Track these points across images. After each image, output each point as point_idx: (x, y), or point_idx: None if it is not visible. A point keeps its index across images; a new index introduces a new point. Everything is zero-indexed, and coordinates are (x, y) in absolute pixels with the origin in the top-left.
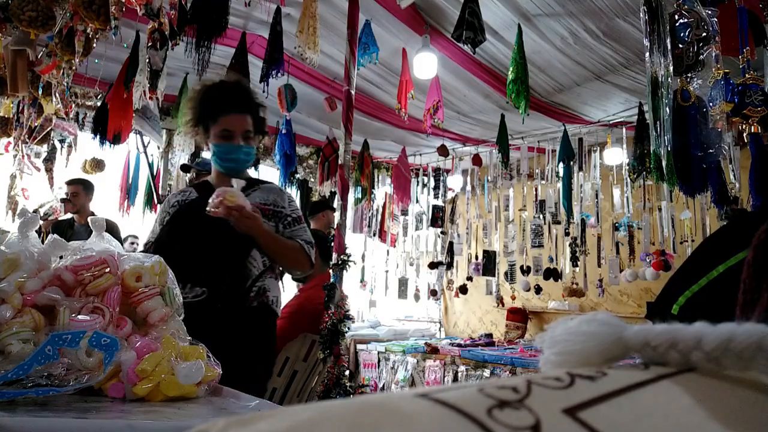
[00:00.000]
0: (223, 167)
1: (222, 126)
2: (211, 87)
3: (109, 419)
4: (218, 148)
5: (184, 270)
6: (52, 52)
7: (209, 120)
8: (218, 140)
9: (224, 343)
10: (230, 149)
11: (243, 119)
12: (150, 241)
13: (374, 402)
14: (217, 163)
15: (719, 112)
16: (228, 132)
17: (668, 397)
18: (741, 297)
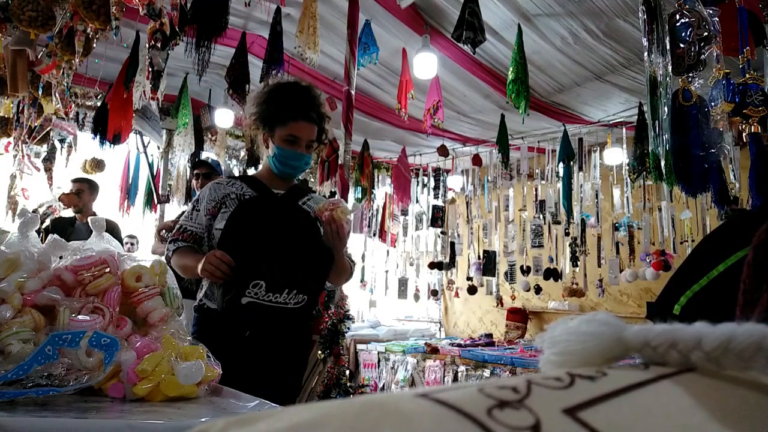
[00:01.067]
0: (280, 171)
1: (290, 131)
2: (286, 87)
3: (109, 419)
4: (281, 152)
5: (284, 275)
6: (52, 52)
7: (277, 121)
8: (283, 144)
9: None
10: (293, 156)
11: (311, 128)
12: (194, 231)
13: (374, 402)
14: (276, 165)
15: (720, 112)
16: (294, 138)
17: (668, 397)
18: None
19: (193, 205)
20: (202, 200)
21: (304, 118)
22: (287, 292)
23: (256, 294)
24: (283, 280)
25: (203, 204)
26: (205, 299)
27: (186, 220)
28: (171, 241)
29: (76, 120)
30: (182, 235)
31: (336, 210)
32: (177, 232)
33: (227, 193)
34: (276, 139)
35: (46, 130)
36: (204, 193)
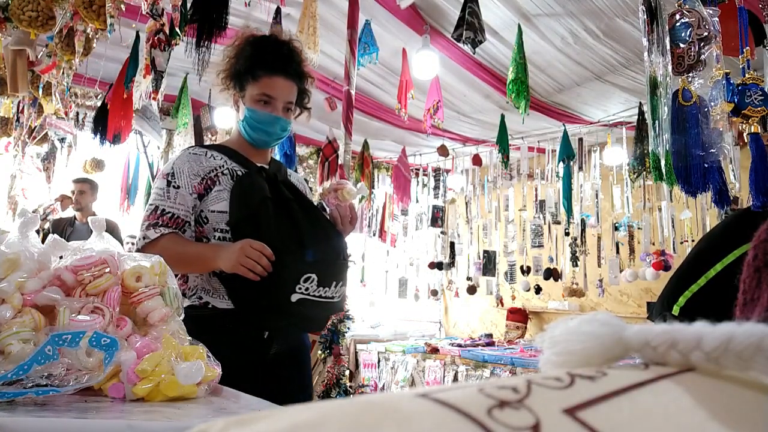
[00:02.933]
0: (252, 138)
1: (262, 89)
2: (259, 40)
3: (109, 419)
4: (252, 114)
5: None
6: (52, 52)
7: (248, 76)
8: (254, 104)
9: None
10: (266, 119)
11: (289, 87)
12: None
13: (374, 402)
14: (246, 131)
15: (720, 112)
16: (268, 98)
17: (668, 397)
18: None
19: (168, 181)
20: (180, 174)
21: (280, 73)
22: (335, 285)
23: (307, 289)
24: (332, 271)
25: (184, 179)
26: (208, 296)
27: (161, 200)
28: (150, 226)
29: (76, 120)
30: (162, 219)
31: (342, 191)
32: (154, 214)
33: (213, 166)
34: (247, 99)
35: (46, 130)
36: (179, 165)
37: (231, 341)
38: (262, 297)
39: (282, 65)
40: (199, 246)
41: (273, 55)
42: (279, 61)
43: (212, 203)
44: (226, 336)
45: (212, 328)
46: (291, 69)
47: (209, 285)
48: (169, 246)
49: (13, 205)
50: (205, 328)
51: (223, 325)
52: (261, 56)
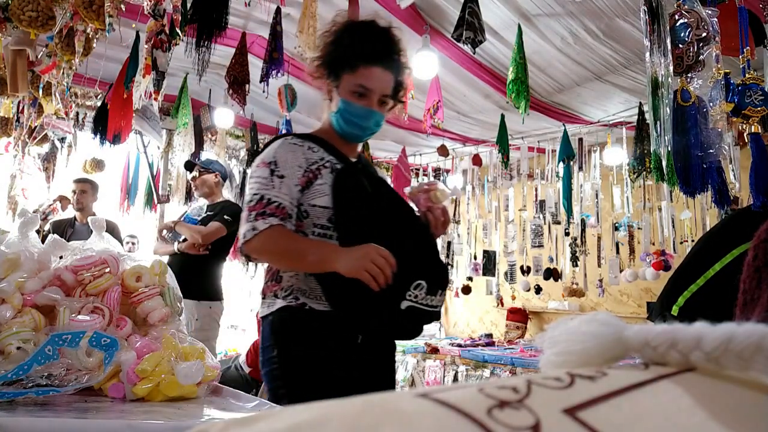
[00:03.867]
0: (344, 131)
1: (360, 79)
2: (358, 27)
3: (109, 419)
4: (348, 107)
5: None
6: (52, 52)
7: (345, 66)
8: (351, 96)
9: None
10: (361, 113)
11: (387, 78)
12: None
13: (374, 402)
14: (339, 124)
15: (719, 112)
16: (364, 89)
17: (668, 397)
18: (741, 297)
19: (271, 170)
20: (282, 163)
21: (378, 63)
22: (440, 293)
23: (416, 297)
24: (439, 278)
25: (288, 169)
26: (305, 297)
27: (266, 188)
28: (257, 215)
29: (76, 120)
30: (268, 208)
31: (434, 192)
32: (260, 203)
33: (314, 159)
34: (342, 89)
35: (45, 131)
36: (282, 154)
37: (326, 345)
38: (369, 302)
39: (380, 55)
40: (314, 243)
41: (371, 45)
42: (377, 50)
43: (313, 197)
44: (322, 339)
45: (308, 330)
46: (389, 59)
47: (306, 285)
48: (280, 239)
49: (13, 205)
50: (300, 330)
51: (320, 327)
52: (359, 45)
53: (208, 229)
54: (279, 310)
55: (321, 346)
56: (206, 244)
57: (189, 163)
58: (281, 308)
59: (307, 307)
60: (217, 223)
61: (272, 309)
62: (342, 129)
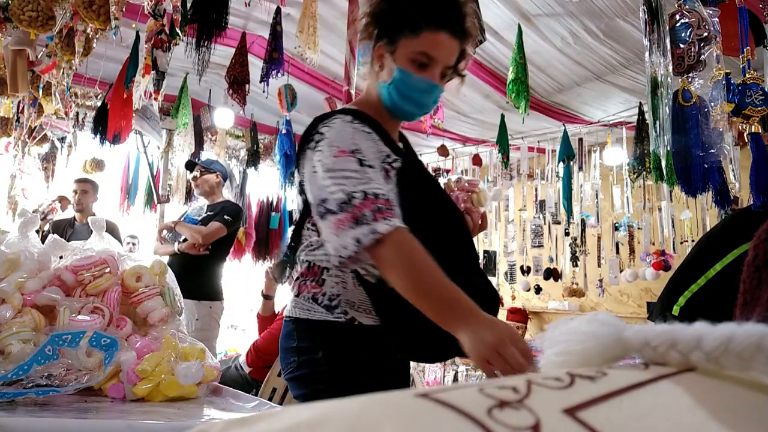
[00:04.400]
0: (397, 107)
1: (424, 46)
2: None
3: (109, 419)
4: (407, 79)
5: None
6: (52, 52)
7: (405, 28)
8: (410, 66)
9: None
10: (422, 87)
11: (453, 47)
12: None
13: (374, 402)
14: (392, 98)
15: (720, 112)
16: (429, 59)
17: (668, 397)
18: (741, 297)
19: (359, 159)
20: (366, 152)
21: (447, 29)
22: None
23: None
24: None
25: (371, 157)
26: (353, 311)
27: (364, 182)
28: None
29: (76, 120)
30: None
31: (478, 195)
32: (367, 200)
33: (384, 154)
34: (399, 56)
35: (45, 131)
36: (359, 140)
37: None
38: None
39: (450, 19)
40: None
41: (441, 5)
42: (447, 13)
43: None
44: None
45: (358, 349)
46: (459, 24)
47: (354, 297)
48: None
49: (13, 205)
50: (350, 349)
51: (368, 345)
52: (425, 4)
53: (208, 229)
54: (326, 324)
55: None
56: (206, 244)
57: (190, 163)
58: (328, 323)
59: (356, 323)
60: (217, 223)
61: (311, 317)
62: (394, 104)
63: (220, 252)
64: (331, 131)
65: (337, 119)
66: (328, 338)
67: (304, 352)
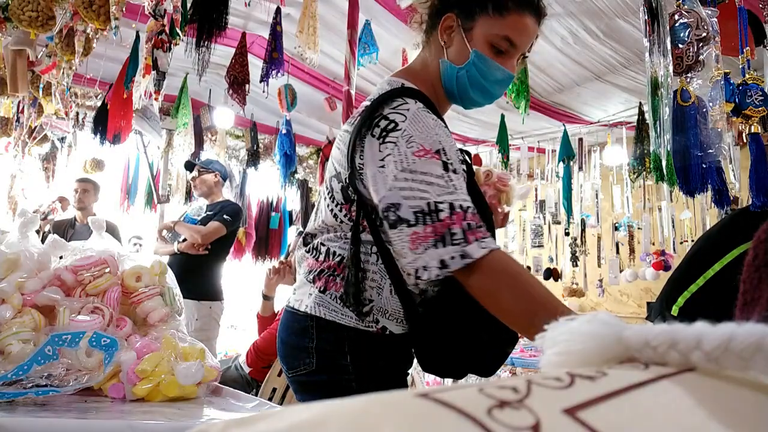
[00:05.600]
0: (463, 94)
1: (509, 30)
2: None
3: (109, 419)
4: (483, 66)
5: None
6: (52, 52)
7: (490, 6)
8: (489, 50)
9: None
10: (498, 77)
11: (535, 31)
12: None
13: (374, 402)
14: (460, 83)
15: (719, 112)
16: (510, 45)
17: (668, 397)
18: (741, 297)
19: (444, 163)
20: (447, 152)
21: (532, 10)
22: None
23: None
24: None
25: (454, 159)
26: (385, 319)
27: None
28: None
29: (76, 120)
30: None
31: (506, 193)
32: (455, 214)
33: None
34: (477, 36)
35: (45, 131)
36: (443, 137)
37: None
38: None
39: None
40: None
41: None
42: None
43: None
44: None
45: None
46: (539, 6)
47: (389, 305)
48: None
49: (13, 205)
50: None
51: (398, 353)
52: None
53: (208, 228)
54: (355, 332)
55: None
56: (205, 244)
57: (189, 163)
58: (358, 331)
59: (388, 332)
60: (216, 223)
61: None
62: (460, 89)
63: (220, 252)
64: (408, 122)
65: (410, 105)
66: (356, 346)
67: (326, 356)
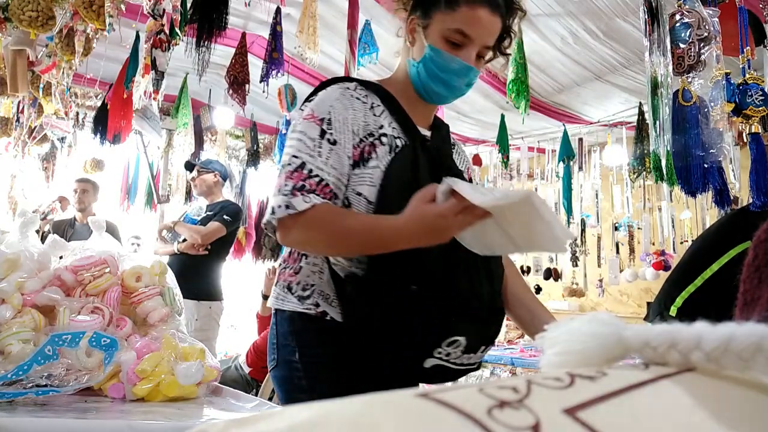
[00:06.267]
0: (425, 88)
1: (459, 23)
2: None
3: (109, 419)
4: (438, 58)
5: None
6: (52, 52)
7: (442, 2)
8: (443, 44)
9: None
10: (454, 68)
11: (491, 25)
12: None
13: (374, 402)
14: (420, 77)
15: (720, 112)
16: (464, 37)
17: (668, 397)
18: (741, 297)
19: (322, 130)
20: (337, 123)
21: (487, 3)
22: (483, 349)
23: (449, 355)
24: (487, 330)
25: (344, 133)
26: (326, 305)
27: (311, 155)
28: (294, 189)
29: (76, 120)
30: (309, 182)
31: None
32: (299, 173)
33: (375, 125)
34: (432, 32)
35: (45, 131)
36: (338, 109)
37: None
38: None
39: None
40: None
41: None
42: None
43: (361, 182)
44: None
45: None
46: (498, 2)
47: (329, 289)
48: (329, 219)
49: (13, 205)
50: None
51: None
52: None
53: (207, 229)
54: (298, 315)
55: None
56: (205, 245)
57: (189, 164)
58: (299, 314)
59: (328, 317)
60: (216, 223)
61: (284, 307)
62: (423, 84)
63: (220, 252)
64: (319, 96)
65: (336, 85)
66: (300, 338)
67: (282, 351)
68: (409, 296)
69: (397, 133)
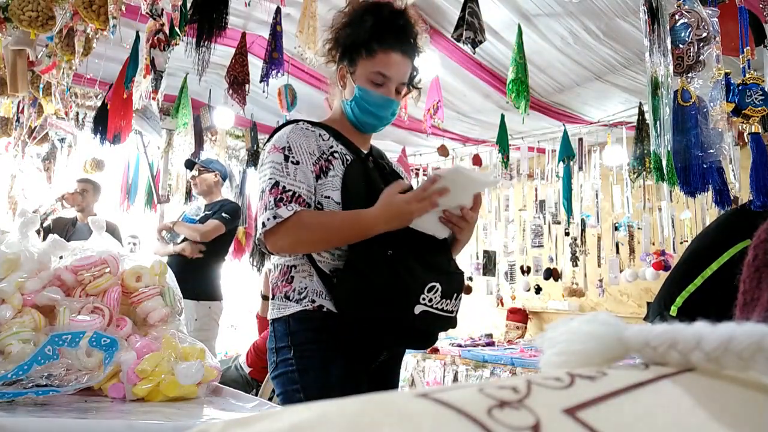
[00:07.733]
0: (359, 120)
1: (379, 66)
2: (376, 8)
3: (109, 419)
4: (364, 95)
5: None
6: (52, 52)
7: (362, 50)
8: (368, 84)
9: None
10: (381, 102)
11: (405, 65)
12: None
13: (374, 402)
14: (353, 113)
15: (720, 112)
16: (384, 77)
17: (668, 397)
18: (741, 297)
19: (285, 155)
20: (296, 149)
21: (397, 49)
22: (455, 297)
23: (431, 300)
24: (454, 280)
25: (303, 155)
26: (321, 299)
27: (281, 176)
28: (277, 202)
29: (76, 120)
30: (293, 198)
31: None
32: (276, 189)
33: (327, 147)
34: (359, 76)
35: (45, 130)
36: (295, 139)
37: (343, 348)
38: (380, 306)
39: (400, 40)
40: (341, 212)
41: (390, 28)
42: (396, 34)
43: (327, 188)
44: (340, 343)
45: (327, 332)
46: (408, 44)
47: (320, 286)
48: (311, 219)
49: (13, 205)
50: (319, 333)
51: (336, 329)
52: (378, 28)
53: (206, 227)
54: (296, 314)
55: (339, 350)
56: (200, 249)
57: (189, 162)
58: (298, 312)
59: (324, 309)
60: (215, 221)
61: (284, 313)
62: (357, 118)
63: (219, 252)
64: (277, 134)
65: (289, 125)
66: (295, 334)
67: (279, 353)
68: (390, 258)
69: (345, 151)
